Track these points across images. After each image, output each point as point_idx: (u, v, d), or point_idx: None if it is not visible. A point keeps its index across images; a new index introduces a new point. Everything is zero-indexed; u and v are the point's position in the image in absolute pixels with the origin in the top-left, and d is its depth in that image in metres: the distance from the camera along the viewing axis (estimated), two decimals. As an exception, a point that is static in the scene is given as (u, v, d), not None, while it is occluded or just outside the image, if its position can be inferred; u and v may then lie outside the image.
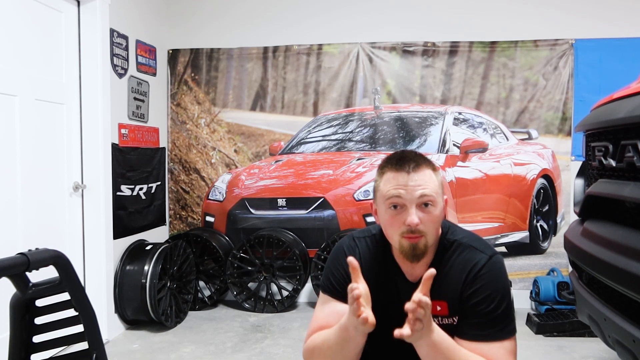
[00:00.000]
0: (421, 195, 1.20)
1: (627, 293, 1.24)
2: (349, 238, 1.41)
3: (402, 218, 1.21)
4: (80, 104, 2.95)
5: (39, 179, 2.60)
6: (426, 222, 1.21)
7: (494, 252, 1.29)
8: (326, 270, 1.38)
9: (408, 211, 1.20)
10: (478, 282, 1.23)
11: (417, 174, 1.21)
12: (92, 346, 1.43)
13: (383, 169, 1.27)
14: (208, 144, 3.87)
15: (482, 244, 1.30)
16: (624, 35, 3.49)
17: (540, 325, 3.06)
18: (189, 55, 3.85)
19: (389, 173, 1.24)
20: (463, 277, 1.25)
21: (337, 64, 3.74)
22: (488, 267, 1.24)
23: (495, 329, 1.20)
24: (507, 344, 1.20)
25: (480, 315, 1.21)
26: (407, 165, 1.22)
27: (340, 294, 1.31)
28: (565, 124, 3.59)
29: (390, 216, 1.23)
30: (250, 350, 2.84)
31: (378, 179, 1.28)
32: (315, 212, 3.67)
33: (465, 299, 1.24)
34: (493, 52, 3.62)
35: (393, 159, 1.26)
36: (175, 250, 3.30)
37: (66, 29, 2.85)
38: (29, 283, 1.35)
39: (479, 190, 3.60)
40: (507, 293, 1.24)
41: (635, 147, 1.29)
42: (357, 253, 1.35)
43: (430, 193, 1.21)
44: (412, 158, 1.24)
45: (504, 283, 1.25)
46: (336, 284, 1.33)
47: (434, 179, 1.25)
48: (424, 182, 1.21)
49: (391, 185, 1.22)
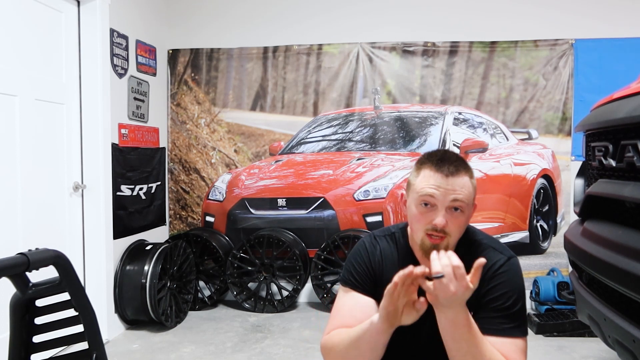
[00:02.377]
0: (454, 200, 1.22)
1: (627, 293, 1.24)
2: (370, 236, 1.43)
3: (431, 217, 1.23)
4: (80, 104, 2.95)
5: (39, 179, 2.60)
6: (452, 225, 1.23)
7: (512, 254, 1.32)
8: (347, 265, 1.40)
9: (437, 212, 1.22)
10: (496, 280, 1.26)
11: (454, 179, 1.23)
12: (92, 346, 1.43)
13: (422, 164, 1.28)
14: (208, 144, 3.87)
15: (501, 246, 1.34)
16: (624, 35, 3.49)
17: (540, 325, 3.06)
18: (189, 55, 3.85)
19: (427, 170, 1.25)
20: (482, 274, 1.26)
21: (337, 64, 3.74)
22: (507, 267, 1.28)
23: (509, 325, 1.22)
24: (520, 342, 1.22)
25: (497, 311, 1.23)
26: (446, 168, 1.23)
27: (362, 287, 1.33)
28: (565, 124, 3.59)
29: (419, 212, 1.25)
30: (250, 350, 2.84)
31: (415, 173, 1.29)
32: (315, 212, 3.67)
33: (482, 295, 1.25)
34: (493, 52, 3.62)
35: (434, 157, 1.26)
36: (175, 250, 3.30)
37: (66, 29, 2.85)
38: (29, 283, 1.35)
39: (479, 190, 3.57)
40: (523, 294, 1.27)
41: (635, 147, 1.29)
42: (378, 250, 1.38)
43: (463, 199, 1.23)
44: (453, 161, 1.25)
45: (520, 283, 1.28)
46: (358, 277, 1.35)
47: (470, 186, 1.26)
48: (460, 187, 1.23)
49: (427, 184, 1.23)
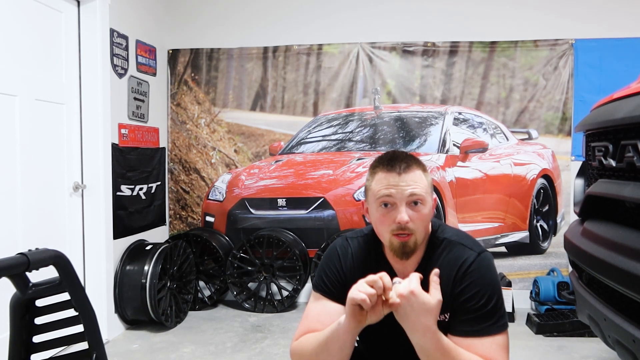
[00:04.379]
0: (411, 194, 1.24)
1: (627, 293, 1.24)
2: (342, 239, 1.44)
3: (393, 216, 1.24)
4: (80, 104, 2.95)
5: (39, 179, 2.60)
6: (415, 220, 1.24)
7: (482, 249, 1.31)
8: (319, 270, 1.41)
9: (398, 209, 1.24)
10: (467, 279, 1.26)
11: (407, 175, 1.25)
12: (92, 346, 1.43)
13: (375, 168, 1.30)
14: (208, 144, 3.87)
15: (471, 242, 1.33)
16: (624, 35, 3.49)
17: (540, 325, 3.06)
18: (189, 55, 3.85)
19: (380, 173, 1.28)
20: (453, 274, 1.27)
21: (337, 64, 3.74)
22: (477, 264, 1.27)
23: (486, 324, 1.22)
24: (499, 339, 1.22)
25: (471, 311, 1.23)
26: (397, 166, 1.25)
27: (333, 294, 1.34)
28: (565, 124, 3.59)
29: (381, 214, 1.27)
30: (250, 350, 2.84)
31: (370, 178, 1.31)
32: (315, 212, 3.67)
33: (455, 295, 1.26)
34: (493, 52, 3.62)
35: (384, 159, 1.29)
36: (175, 250, 3.30)
37: (66, 29, 2.85)
38: (29, 283, 1.35)
39: (479, 190, 3.61)
40: (497, 289, 1.27)
41: (635, 147, 1.29)
42: (349, 252, 1.39)
43: (420, 192, 1.24)
44: (403, 159, 1.27)
45: (493, 279, 1.27)
46: (329, 284, 1.36)
47: (424, 179, 1.28)
48: (414, 181, 1.25)
49: (382, 185, 1.25)
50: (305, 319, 1.35)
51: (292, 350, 1.32)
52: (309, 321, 1.33)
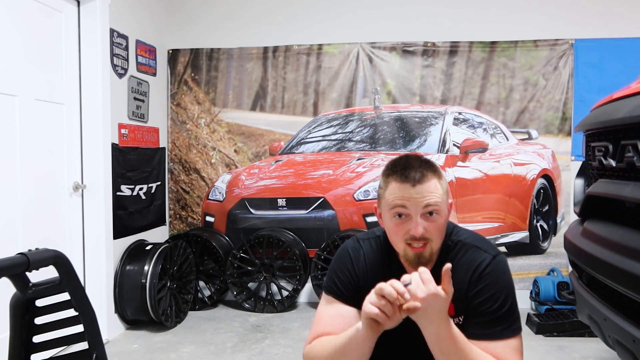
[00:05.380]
0: (426, 205, 1.20)
1: (627, 293, 1.24)
2: (353, 240, 1.40)
3: (407, 227, 1.21)
4: (80, 104, 2.95)
5: (39, 179, 2.60)
6: (431, 230, 1.21)
7: (498, 252, 1.30)
8: (330, 272, 1.38)
9: (413, 220, 1.20)
10: (482, 282, 1.24)
11: (422, 186, 1.20)
12: (92, 346, 1.43)
13: (388, 177, 1.25)
14: (208, 144, 3.87)
15: (486, 244, 1.31)
16: (624, 35, 3.49)
17: (540, 325, 3.06)
18: (189, 55, 3.85)
19: (393, 183, 1.23)
20: (468, 277, 1.25)
21: (337, 64, 3.74)
22: (492, 267, 1.25)
23: (500, 328, 1.21)
24: (513, 342, 1.21)
25: (485, 314, 1.22)
26: (412, 177, 1.20)
27: (345, 297, 1.32)
28: (565, 124, 3.59)
29: (394, 224, 1.23)
30: (250, 350, 2.84)
31: (383, 186, 1.27)
32: (315, 212, 3.67)
33: (470, 298, 1.24)
34: (493, 52, 3.62)
35: (398, 168, 1.24)
36: (175, 250, 3.30)
37: (66, 29, 2.85)
38: (29, 283, 1.35)
39: (479, 190, 3.60)
40: (512, 292, 1.25)
41: (635, 147, 1.29)
42: (361, 255, 1.35)
43: (435, 202, 1.20)
44: (418, 167, 1.22)
45: (508, 282, 1.26)
46: (341, 286, 1.33)
47: (439, 187, 1.23)
48: (429, 192, 1.20)
49: (396, 196, 1.21)
50: (318, 322, 1.32)
51: (306, 354, 1.30)
52: (322, 325, 1.31)
